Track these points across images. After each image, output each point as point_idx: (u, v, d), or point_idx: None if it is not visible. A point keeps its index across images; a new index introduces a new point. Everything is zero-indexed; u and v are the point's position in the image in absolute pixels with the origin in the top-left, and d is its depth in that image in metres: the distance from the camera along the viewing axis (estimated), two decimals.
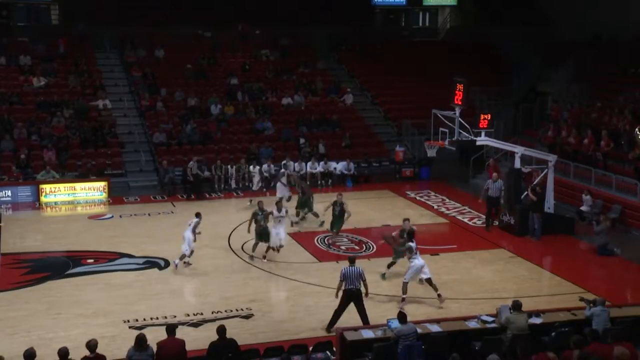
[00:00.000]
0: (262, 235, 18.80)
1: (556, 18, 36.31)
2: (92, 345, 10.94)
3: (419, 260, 15.90)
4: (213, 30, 35.94)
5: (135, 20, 34.65)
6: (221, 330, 11.73)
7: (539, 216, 20.86)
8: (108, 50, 34.54)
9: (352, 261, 14.50)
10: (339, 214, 20.62)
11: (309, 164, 28.00)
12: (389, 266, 17.42)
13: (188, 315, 15.20)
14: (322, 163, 28.12)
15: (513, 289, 16.82)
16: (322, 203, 22.58)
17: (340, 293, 14.29)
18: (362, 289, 14.36)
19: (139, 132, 29.88)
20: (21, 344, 12.74)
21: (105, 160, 27.73)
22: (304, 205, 22.32)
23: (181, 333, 12.73)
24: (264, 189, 25.73)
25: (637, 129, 24.05)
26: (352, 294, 14.15)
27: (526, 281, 17.69)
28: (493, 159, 25.94)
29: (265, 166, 26.94)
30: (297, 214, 22.32)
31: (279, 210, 19.02)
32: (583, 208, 22.76)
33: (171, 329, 11.76)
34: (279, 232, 18.89)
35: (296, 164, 27.84)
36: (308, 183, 24.91)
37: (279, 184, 23.65)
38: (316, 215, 22.05)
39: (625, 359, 9.99)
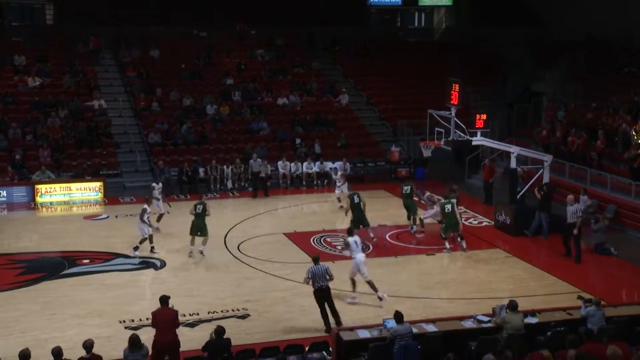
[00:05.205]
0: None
1: (550, 18, 36.41)
2: (88, 345, 10.95)
3: (360, 255, 15.93)
4: (208, 30, 35.90)
5: (130, 20, 34.57)
6: (219, 332, 11.75)
7: (546, 215, 20.87)
8: (103, 50, 34.46)
9: (316, 260, 14.62)
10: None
11: (304, 164, 28.01)
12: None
13: (184, 315, 15.15)
14: (317, 163, 28.15)
15: (509, 289, 16.83)
16: (318, 203, 22.56)
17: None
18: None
19: (134, 132, 29.83)
20: (16, 344, 12.68)
21: (101, 160, 27.67)
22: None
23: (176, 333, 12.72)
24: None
25: (632, 130, 24.07)
26: (323, 291, 14.31)
27: (522, 281, 17.70)
28: (489, 159, 25.95)
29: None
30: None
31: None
32: None
33: (164, 299, 12.36)
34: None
35: (292, 164, 27.88)
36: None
37: (154, 201, 21.46)
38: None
39: (618, 358, 10.01)
